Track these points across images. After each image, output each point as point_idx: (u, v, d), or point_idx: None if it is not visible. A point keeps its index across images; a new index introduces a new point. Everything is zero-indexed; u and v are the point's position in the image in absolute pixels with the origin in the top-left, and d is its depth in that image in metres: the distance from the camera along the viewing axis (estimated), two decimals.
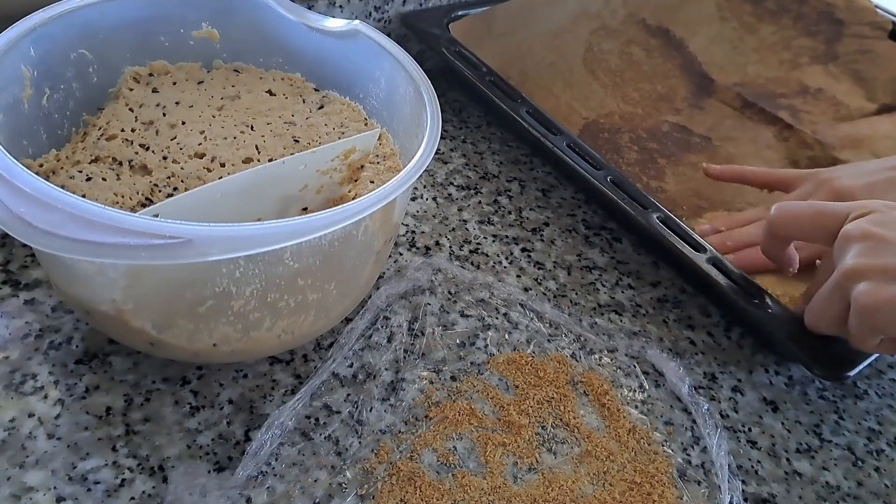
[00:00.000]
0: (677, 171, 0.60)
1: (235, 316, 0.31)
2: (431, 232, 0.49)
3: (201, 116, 0.40)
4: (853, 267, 0.38)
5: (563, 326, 0.44)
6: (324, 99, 0.44)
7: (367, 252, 0.35)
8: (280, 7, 0.42)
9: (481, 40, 0.61)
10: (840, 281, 0.38)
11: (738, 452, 0.40)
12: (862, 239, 0.38)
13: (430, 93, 0.37)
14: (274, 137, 0.40)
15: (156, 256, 0.25)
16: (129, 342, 0.34)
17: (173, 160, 0.37)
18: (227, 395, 0.36)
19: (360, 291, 0.38)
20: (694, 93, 0.71)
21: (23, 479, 0.31)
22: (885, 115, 0.69)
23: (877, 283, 0.37)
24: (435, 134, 0.35)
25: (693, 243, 0.46)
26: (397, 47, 0.40)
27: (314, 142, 0.40)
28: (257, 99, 0.42)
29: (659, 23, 0.75)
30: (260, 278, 0.30)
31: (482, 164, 0.57)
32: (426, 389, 0.39)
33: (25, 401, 0.34)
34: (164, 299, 0.31)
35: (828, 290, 0.39)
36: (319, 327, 0.37)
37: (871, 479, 0.41)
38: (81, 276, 0.30)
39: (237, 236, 0.26)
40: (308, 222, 0.28)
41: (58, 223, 0.24)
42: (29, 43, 0.34)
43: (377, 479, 0.34)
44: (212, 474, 0.33)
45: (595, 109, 0.65)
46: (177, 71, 0.42)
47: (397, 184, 0.31)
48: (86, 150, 0.37)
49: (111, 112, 0.39)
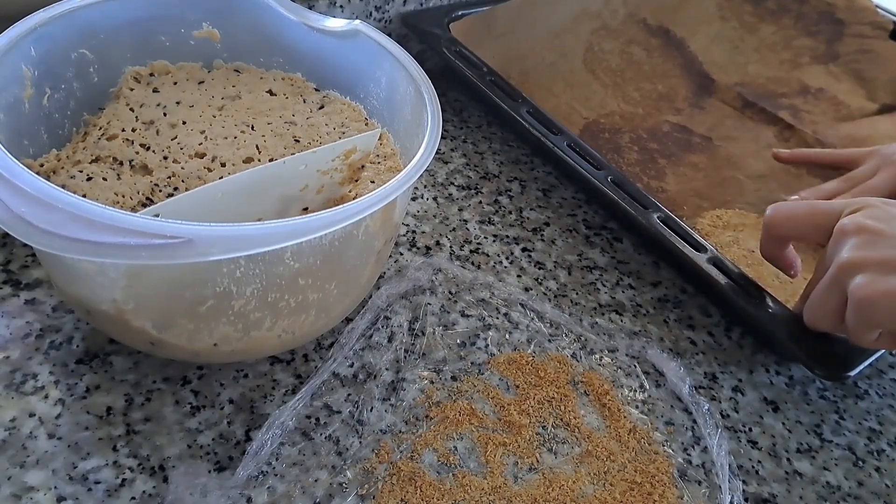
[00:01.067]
0: (678, 172, 0.60)
1: (236, 316, 0.31)
2: (432, 232, 0.49)
3: (202, 116, 0.40)
4: (849, 260, 0.37)
5: (564, 326, 0.44)
6: (324, 99, 0.44)
7: (368, 252, 0.35)
8: (280, 7, 0.42)
9: (482, 40, 0.61)
10: (836, 275, 0.38)
11: (738, 452, 0.40)
12: (857, 232, 0.38)
13: (430, 93, 0.37)
14: (274, 137, 0.40)
15: (156, 256, 0.25)
16: (130, 342, 0.34)
17: (174, 160, 0.37)
18: (227, 395, 0.36)
19: (361, 291, 0.38)
20: (694, 92, 0.71)
21: (23, 479, 0.31)
22: (886, 115, 0.69)
23: (873, 276, 0.36)
24: (435, 134, 0.35)
25: (694, 243, 0.46)
26: (398, 47, 0.40)
27: (315, 142, 0.40)
28: (258, 99, 0.42)
29: (659, 22, 0.75)
30: (260, 278, 0.30)
31: (483, 164, 0.57)
32: (427, 389, 0.39)
33: (26, 400, 0.34)
34: (164, 299, 0.31)
35: (825, 285, 0.39)
36: (320, 327, 0.37)
37: (872, 479, 0.41)
38: (82, 276, 0.30)
39: (237, 236, 0.26)
40: (308, 222, 0.27)
41: (58, 223, 0.24)
42: (30, 43, 0.34)
43: (378, 479, 0.34)
44: (212, 474, 0.33)
45: (595, 109, 0.65)
46: (177, 71, 0.42)
47: (398, 184, 0.31)
48: (86, 149, 0.37)
49: (112, 112, 0.39)
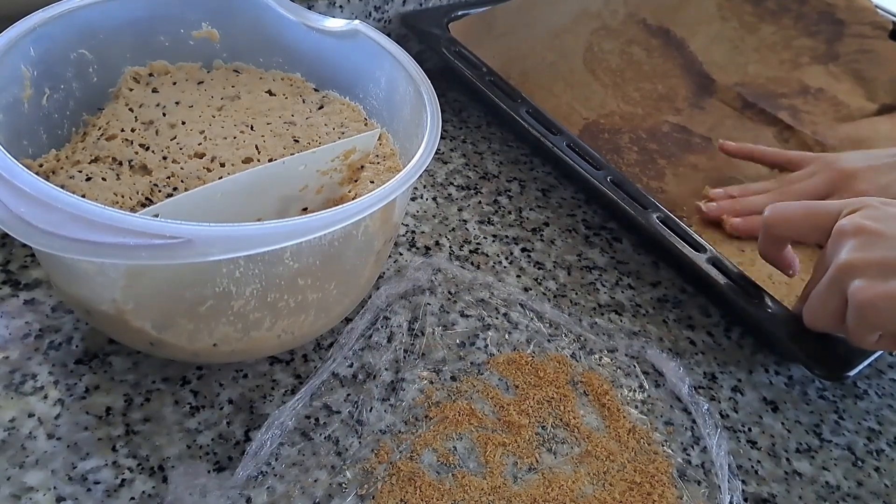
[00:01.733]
0: (677, 172, 0.60)
1: (235, 316, 0.31)
2: (431, 232, 0.49)
3: (201, 116, 0.40)
4: (848, 262, 0.37)
5: (563, 326, 0.44)
6: (324, 99, 0.44)
7: (368, 252, 0.35)
8: (280, 7, 0.42)
9: (481, 40, 0.61)
10: (836, 276, 0.38)
11: (738, 452, 0.40)
12: (856, 234, 0.38)
13: (430, 93, 0.37)
14: (274, 137, 0.40)
15: (156, 256, 0.25)
16: (129, 342, 0.34)
17: (173, 160, 0.37)
18: (227, 395, 0.36)
19: (361, 291, 0.38)
20: (695, 92, 0.71)
21: (23, 479, 0.31)
22: (886, 116, 0.69)
23: (873, 279, 0.36)
24: (435, 134, 0.35)
25: (693, 243, 0.46)
26: (397, 47, 0.40)
27: (314, 142, 0.40)
28: (257, 99, 0.42)
29: (659, 23, 0.75)
30: (260, 278, 0.30)
31: (482, 164, 0.57)
32: (426, 389, 0.39)
33: (25, 401, 0.34)
34: (164, 299, 0.31)
35: (824, 286, 0.39)
36: (319, 327, 0.37)
37: (871, 479, 0.41)
38: (82, 276, 0.30)
39: (237, 236, 0.26)
40: (308, 222, 0.27)
41: (58, 223, 0.24)
42: (29, 43, 0.34)
43: (377, 479, 0.34)
44: (212, 474, 0.33)
45: (595, 109, 0.65)
46: (177, 71, 0.42)
47: (397, 184, 0.31)
48: (86, 150, 0.37)
49: (111, 112, 0.39)
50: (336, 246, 0.32)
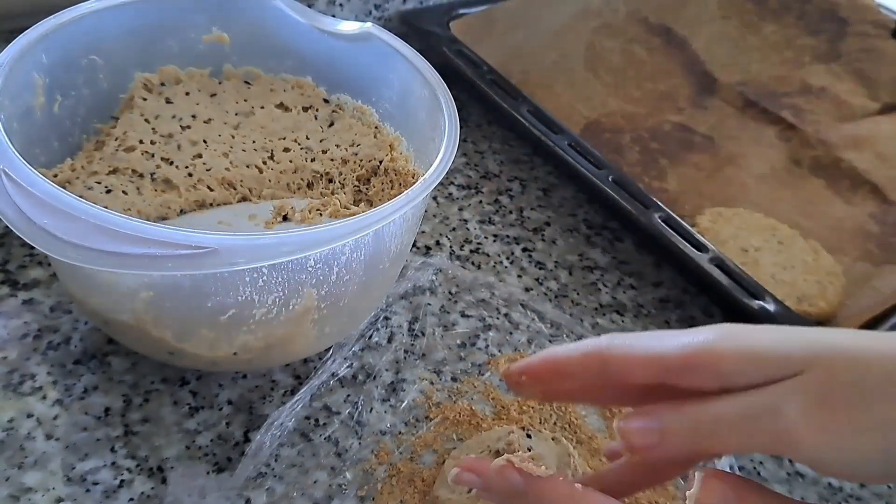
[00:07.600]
0: (679, 172, 0.60)
1: (257, 324, 0.31)
2: (432, 231, 0.49)
3: (221, 136, 0.40)
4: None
5: (565, 327, 0.44)
6: (333, 114, 0.44)
7: (388, 257, 0.35)
8: (291, 10, 0.42)
9: (482, 39, 0.61)
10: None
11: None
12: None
13: (446, 96, 0.37)
14: (293, 174, 0.41)
15: (182, 266, 0.25)
16: (148, 352, 0.34)
17: (199, 179, 0.38)
18: (226, 396, 0.36)
19: (380, 294, 0.38)
20: (696, 91, 0.71)
21: (21, 480, 0.31)
22: (888, 115, 0.69)
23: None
24: (453, 140, 0.34)
25: (695, 243, 0.46)
26: (412, 50, 0.40)
27: (334, 170, 0.42)
28: (271, 115, 0.42)
29: (661, 21, 0.74)
30: (282, 286, 0.30)
31: (483, 164, 0.57)
32: (426, 390, 0.39)
33: (24, 401, 0.34)
34: (186, 309, 0.31)
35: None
36: (336, 333, 0.37)
37: None
38: (102, 287, 0.30)
39: (262, 245, 0.26)
40: (332, 230, 0.27)
41: (82, 234, 0.24)
42: (41, 50, 0.34)
43: (377, 480, 0.34)
44: (211, 475, 0.33)
45: (597, 109, 0.65)
46: (188, 80, 0.42)
47: (417, 191, 0.31)
48: (103, 160, 0.37)
49: (127, 122, 0.39)
50: (358, 253, 0.31)
